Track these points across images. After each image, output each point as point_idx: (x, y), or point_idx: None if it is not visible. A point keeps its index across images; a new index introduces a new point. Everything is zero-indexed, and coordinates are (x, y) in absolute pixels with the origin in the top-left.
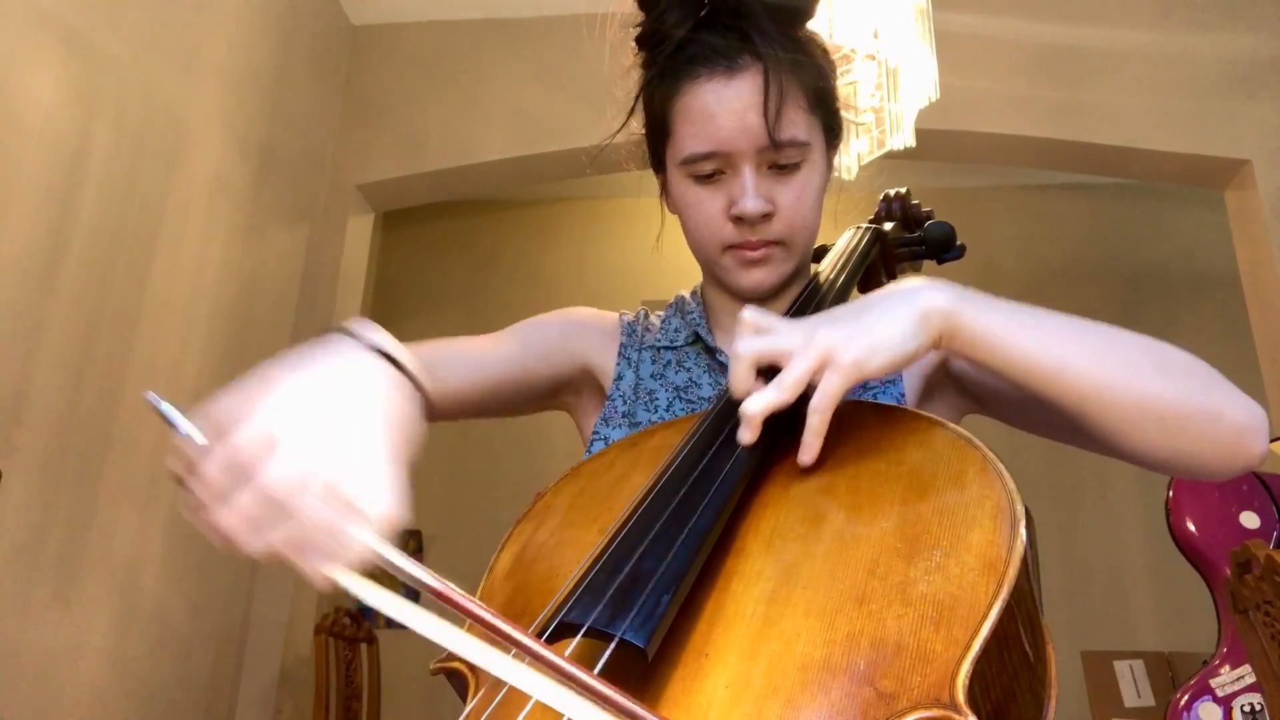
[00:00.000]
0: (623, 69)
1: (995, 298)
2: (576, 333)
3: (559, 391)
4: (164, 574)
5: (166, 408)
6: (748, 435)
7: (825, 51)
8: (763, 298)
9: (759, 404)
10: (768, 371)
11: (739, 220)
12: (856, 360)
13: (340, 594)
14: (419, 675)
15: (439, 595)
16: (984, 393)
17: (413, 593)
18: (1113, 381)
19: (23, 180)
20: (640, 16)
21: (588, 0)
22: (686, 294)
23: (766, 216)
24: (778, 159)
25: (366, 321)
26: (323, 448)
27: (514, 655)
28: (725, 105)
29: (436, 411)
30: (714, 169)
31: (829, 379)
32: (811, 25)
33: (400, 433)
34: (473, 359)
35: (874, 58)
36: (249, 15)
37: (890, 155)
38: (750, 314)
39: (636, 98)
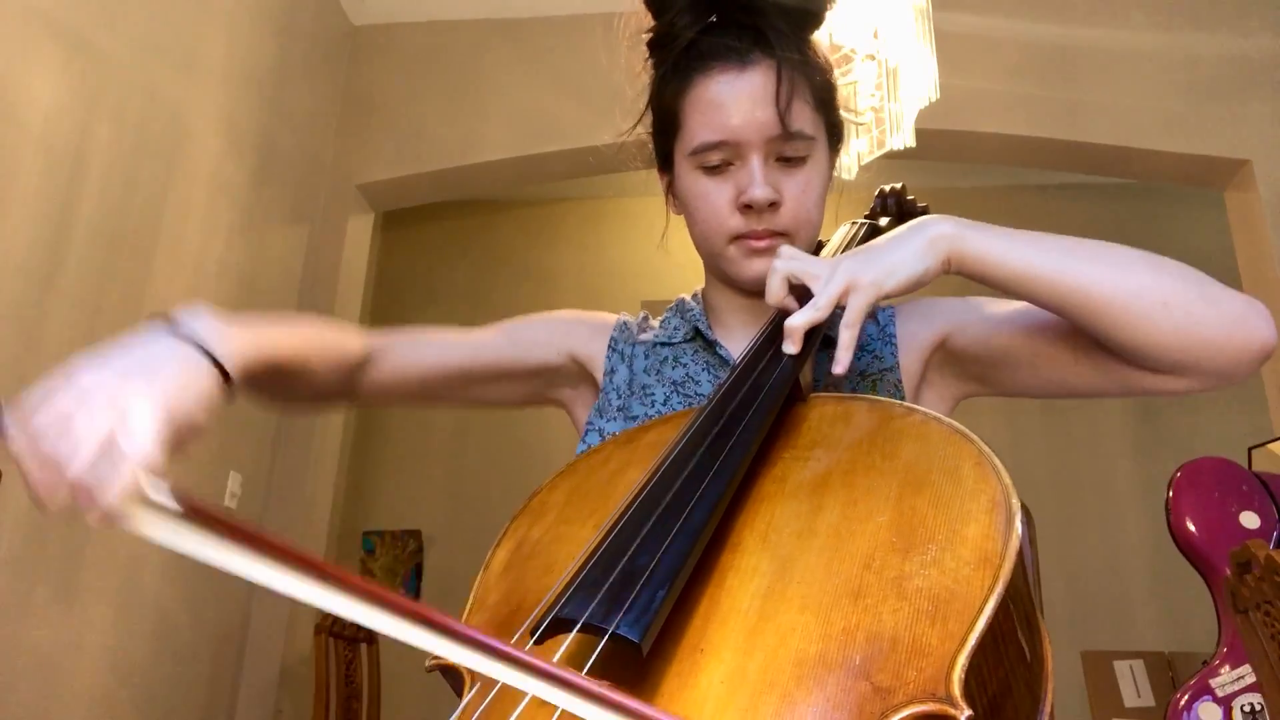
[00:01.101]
0: (631, 73)
1: (996, 226)
2: (563, 327)
3: (547, 384)
4: (164, 574)
5: None
6: (793, 346)
7: (828, 59)
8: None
9: (800, 319)
10: (800, 297)
11: (747, 209)
12: (876, 280)
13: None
14: (419, 675)
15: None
16: (986, 360)
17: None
18: (1111, 274)
19: (23, 180)
20: (650, 23)
21: (589, 0)
22: (687, 296)
23: (773, 206)
24: (785, 151)
25: (192, 309)
26: (99, 411)
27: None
28: (736, 96)
29: (385, 387)
30: (723, 159)
31: (854, 298)
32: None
33: (179, 400)
34: (441, 345)
35: (874, 58)
36: (248, 15)
37: (890, 155)
38: (787, 248)
39: (649, 101)
